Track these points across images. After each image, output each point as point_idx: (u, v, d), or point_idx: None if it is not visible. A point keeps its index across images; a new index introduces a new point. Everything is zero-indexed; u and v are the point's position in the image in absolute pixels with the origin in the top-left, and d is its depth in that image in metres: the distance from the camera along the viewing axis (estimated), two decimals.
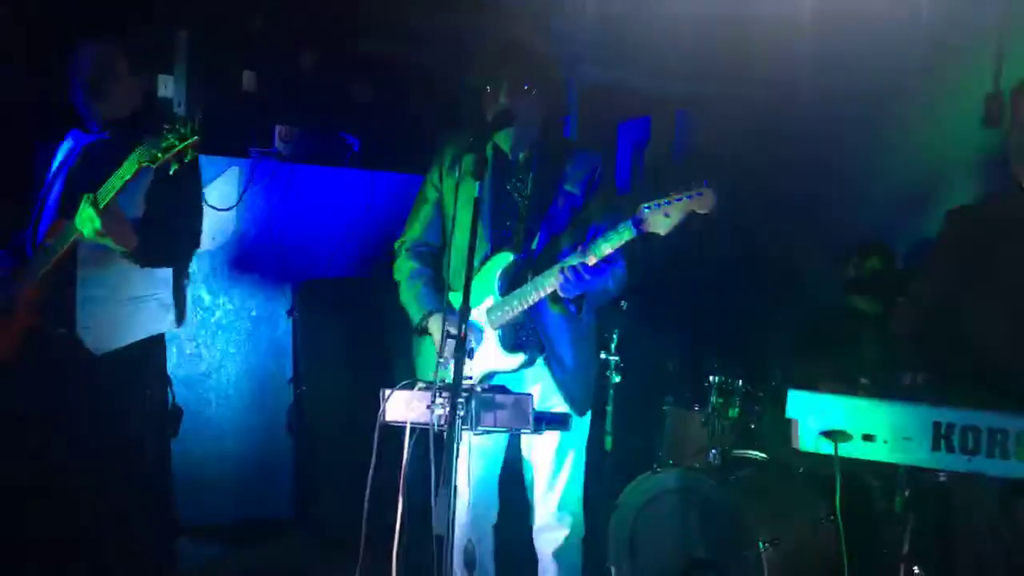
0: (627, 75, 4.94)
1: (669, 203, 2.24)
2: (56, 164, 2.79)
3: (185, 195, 2.69)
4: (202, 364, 4.03)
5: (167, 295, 2.75)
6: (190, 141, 2.39)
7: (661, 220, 2.26)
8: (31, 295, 2.62)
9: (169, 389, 3.63)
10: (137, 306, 2.68)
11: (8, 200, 3.56)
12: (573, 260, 2.35)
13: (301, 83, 4.47)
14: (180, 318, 2.81)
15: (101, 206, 2.42)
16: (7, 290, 2.69)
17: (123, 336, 2.66)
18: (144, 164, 2.41)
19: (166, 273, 2.74)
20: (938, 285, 2.55)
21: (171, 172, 2.45)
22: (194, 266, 4.00)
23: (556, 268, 2.38)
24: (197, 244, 2.79)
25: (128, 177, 2.43)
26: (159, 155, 2.39)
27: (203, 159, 3.88)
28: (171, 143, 2.38)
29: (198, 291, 4.04)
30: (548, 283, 2.40)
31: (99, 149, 2.70)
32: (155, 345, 2.78)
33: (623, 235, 2.30)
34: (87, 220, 2.42)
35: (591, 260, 2.34)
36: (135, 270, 2.62)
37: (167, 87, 4.08)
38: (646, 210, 2.26)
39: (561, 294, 2.40)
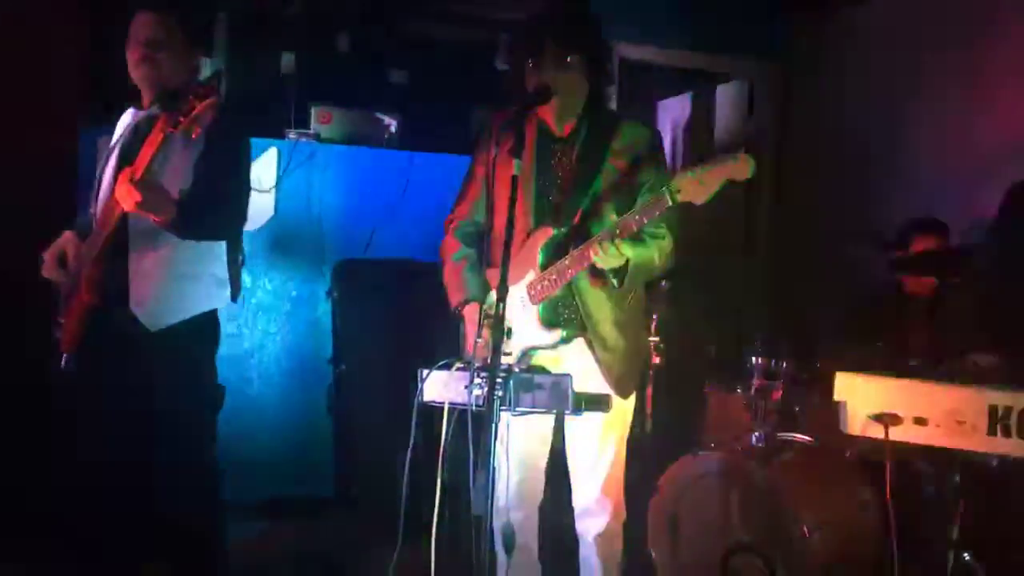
0: (667, 51, 4.86)
1: (705, 171, 2.18)
2: (112, 143, 2.79)
3: (223, 166, 2.65)
4: (243, 344, 4.07)
5: (222, 270, 2.73)
6: (207, 100, 2.38)
7: (697, 188, 2.19)
8: (91, 274, 2.63)
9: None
10: (191, 282, 2.67)
11: (55, 183, 3.63)
12: (610, 231, 2.30)
13: (339, 64, 4.47)
14: (235, 294, 2.80)
15: (136, 177, 2.42)
16: (73, 272, 2.71)
17: (177, 312, 2.65)
18: (168, 130, 2.40)
19: (220, 248, 2.72)
20: (996, 262, 2.46)
21: (192, 136, 2.45)
22: None
23: (594, 239, 2.34)
24: (243, 218, 2.76)
25: (156, 145, 2.43)
26: (180, 119, 2.39)
27: None
28: (191, 105, 2.38)
29: None
30: (588, 256, 2.35)
31: (148, 123, 2.67)
32: (210, 322, 2.77)
33: (659, 205, 2.24)
34: (125, 193, 2.42)
35: (628, 231, 2.28)
36: (188, 245, 2.61)
37: (207, 69, 4.10)
38: (682, 179, 2.20)
39: (599, 266, 2.35)
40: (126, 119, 2.80)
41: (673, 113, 5.78)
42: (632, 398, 2.61)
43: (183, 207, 2.53)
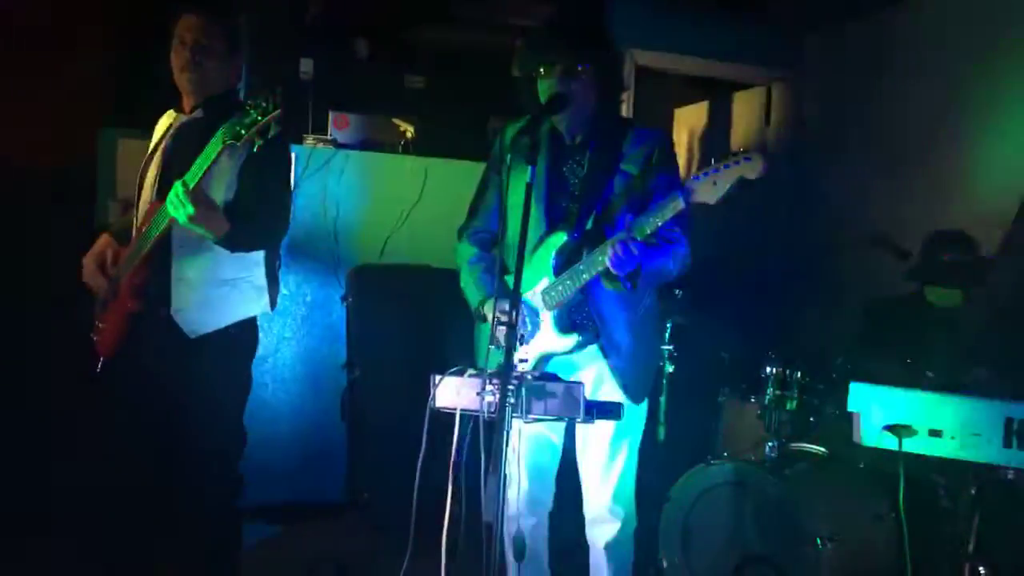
0: (684, 59, 4.86)
1: (718, 171, 2.19)
2: (152, 146, 2.76)
3: (274, 176, 2.63)
4: (259, 348, 4.08)
5: (260, 277, 2.71)
6: (273, 114, 2.32)
7: (710, 189, 2.20)
8: (133, 280, 2.61)
9: None
10: (231, 289, 2.64)
11: (76, 186, 3.67)
12: (623, 234, 2.30)
13: (356, 70, 4.50)
14: (273, 301, 2.78)
15: (191, 189, 2.37)
16: (114, 277, 2.71)
17: (218, 319, 2.63)
18: (228, 143, 2.35)
19: (258, 255, 2.70)
20: (1014, 275, 2.44)
21: (255, 149, 2.41)
22: None
23: (608, 243, 2.34)
24: (287, 226, 2.73)
25: (212, 158, 2.38)
26: (242, 132, 2.33)
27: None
28: (253, 119, 2.32)
29: None
30: (600, 260, 2.35)
31: (193, 128, 2.66)
32: (249, 329, 2.74)
33: (673, 207, 2.25)
34: (180, 205, 2.37)
35: (641, 234, 2.28)
36: (226, 253, 2.58)
37: None
38: (695, 180, 2.21)
39: (612, 270, 2.34)
40: (166, 121, 2.78)
41: (690, 121, 5.78)
42: (644, 405, 2.61)
43: (235, 221, 2.50)
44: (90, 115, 3.77)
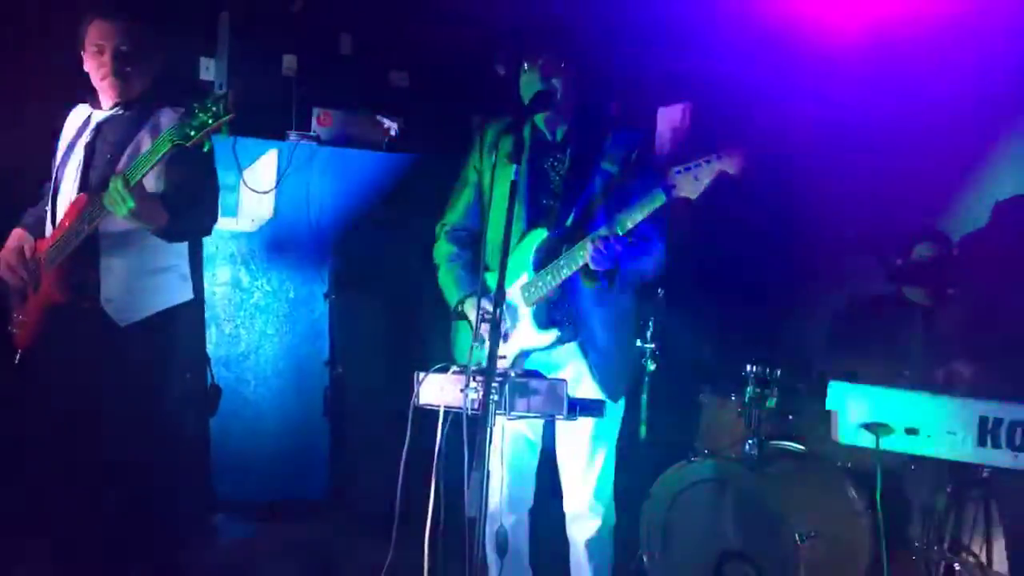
0: (667, 58, 4.87)
1: (699, 166, 2.23)
2: (67, 140, 2.77)
3: (203, 166, 2.68)
4: (241, 345, 4.07)
5: (185, 266, 2.78)
6: (224, 119, 2.34)
7: (691, 183, 2.23)
8: (60, 273, 2.64)
9: (208, 369, 3.69)
10: (158, 277, 2.71)
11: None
12: (604, 231, 2.33)
13: (340, 66, 4.48)
14: (197, 289, 2.84)
15: (132, 185, 2.41)
16: (32, 270, 2.72)
17: (146, 307, 2.68)
18: (176, 143, 2.37)
19: (183, 245, 2.76)
20: (988, 276, 2.48)
21: (204, 150, 2.44)
22: (232, 247, 4.07)
23: (588, 239, 2.36)
24: (217, 215, 2.80)
25: (158, 157, 2.41)
26: (192, 134, 2.35)
27: (242, 141, 3.96)
28: (203, 121, 2.34)
29: (237, 272, 4.08)
30: (580, 256, 2.37)
31: (115, 124, 2.70)
32: (183, 318, 2.79)
33: (655, 202, 2.28)
34: (120, 201, 2.41)
35: (623, 229, 2.31)
36: (155, 242, 2.63)
37: (208, 70, 4.11)
38: (676, 174, 2.24)
39: (592, 266, 2.37)
40: (80, 115, 2.78)
41: (672, 120, 5.79)
42: (622, 403, 2.63)
43: (173, 212, 2.55)
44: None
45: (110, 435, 2.65)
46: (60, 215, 2.69)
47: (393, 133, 4.37)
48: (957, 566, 2.79)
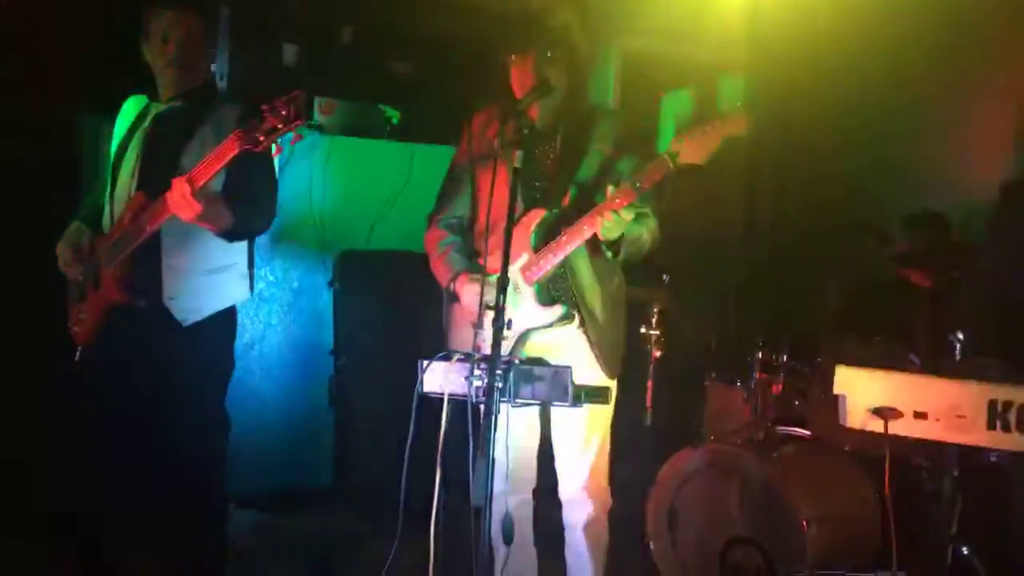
0: (669, 45, 4.85)
1: (704, 132, 2.24)
2: (124, 130, 2.73)
3: (263, 166, 2.64)
4: (245, 335, 4.06)
5: (244, 264, 2.75)
6: (294, 123, 2.27)
7: (696, 149, 2.24)
8: (120, 272, 2.60)
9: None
10: (220, 276, 2.68)
11: (55, 171, 3.60)
12: (612, 197, 2.33)
13: (341, 56, 4.46)
14: (251, 286, 2.82)
15: (199, 188, 2.36)
16: (91, 266, 2.69)
17: (208, 306, 2.67)
18: (246, 148, 2.31)
19: (242, 243, 2.73)
20: (996, 260, 2.46)
21: (272, 153, 2.42)
22: None
23: (594, 210, 2.37)
24: (275, 214, 2.76)
25: (227, 160, 2.34)
26: (260, 138, 2.29)
27: None
28: (273, 127, 2.28)
29: None
30: (587, 227, 2.38)
31: (174, 118, 2.66)
32: (232, 315, 2.78)
33: (661, 168, 2.29)
34: (186, 205, 2.36)
35: (630, 197, 2.31)
36: (216, 240, 2.60)
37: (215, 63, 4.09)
38: (680, 140, 2.25)
39: (601, 236, 2.38)
40: (135, 107, 2.75)
41: (675, 106, 5.76)
42: (614, 385, 2.63)
43: (236, 214, 2.53)
44: (69, 98, 3.70)
45: (170, 434, 2.64)
46: (118, 210, 2.64)
47: (395, 122, 4.35)
48: (965, 551, 2.78)
